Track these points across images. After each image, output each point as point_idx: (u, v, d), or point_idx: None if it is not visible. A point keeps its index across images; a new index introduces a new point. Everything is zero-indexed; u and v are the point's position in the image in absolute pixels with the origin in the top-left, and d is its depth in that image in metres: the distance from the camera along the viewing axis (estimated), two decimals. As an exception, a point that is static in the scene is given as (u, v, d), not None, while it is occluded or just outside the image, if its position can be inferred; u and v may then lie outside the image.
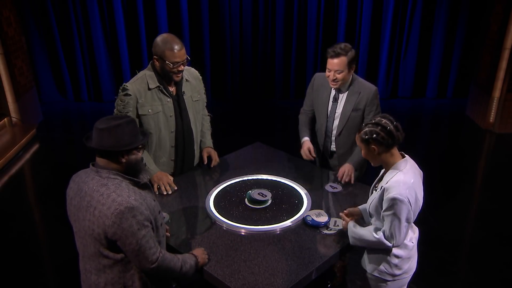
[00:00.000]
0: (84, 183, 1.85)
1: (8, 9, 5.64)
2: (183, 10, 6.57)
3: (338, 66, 2.79)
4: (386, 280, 2.24)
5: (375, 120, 2.11)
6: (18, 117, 5.79)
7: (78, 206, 1.85)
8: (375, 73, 7.05)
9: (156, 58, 2.66)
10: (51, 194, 4.58)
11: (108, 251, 1.84)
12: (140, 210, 1.79)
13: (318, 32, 6.80)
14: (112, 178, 1.82)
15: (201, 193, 2.76)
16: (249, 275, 2.06)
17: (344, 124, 3.00)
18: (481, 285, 3.36)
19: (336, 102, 3.00)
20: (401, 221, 2.04)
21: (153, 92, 2.71)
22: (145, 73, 2.74)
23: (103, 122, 1.82)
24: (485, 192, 4.71)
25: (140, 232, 1.79)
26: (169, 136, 2.82)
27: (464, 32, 6.78)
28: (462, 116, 6.58)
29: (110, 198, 1.76)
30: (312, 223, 2.40)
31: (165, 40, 2.61)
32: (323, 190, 2.79)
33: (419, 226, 2.35)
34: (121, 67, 6.81)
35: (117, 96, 2.72)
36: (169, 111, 2.77)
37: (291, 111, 3.56)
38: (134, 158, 1.87)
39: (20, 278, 3.42)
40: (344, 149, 3.09)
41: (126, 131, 1.81)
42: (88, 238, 1.84)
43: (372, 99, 2.93)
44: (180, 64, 2.64)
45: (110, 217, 1.75)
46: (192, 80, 2.91)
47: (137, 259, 1.83)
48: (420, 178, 2.18)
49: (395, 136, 2.06)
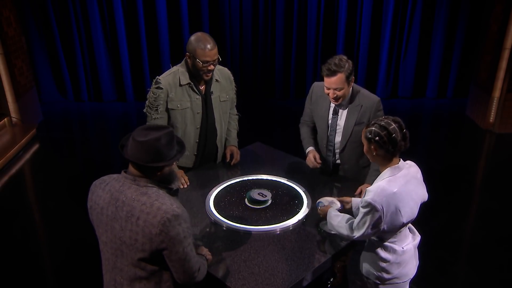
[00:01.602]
0: (119, 192, 1.79)
1: (8, 9, 5.63)
2: (183, 10, 6.57)
3: (336, 84, 2.65)
4: (377, 284, 2.23)
5: (385, 121, 2.05)
6: (18, 117, 5.79)
7: (113, 216, 1.79)
8: (375, 73, 7.05)
9: (188, 55, 2.74)
10: (51, 194, 4.58)
11: (146, 262, 1.79)
12: (184, 217, 1.76)
13: (318, 32, 6.80)
14: (151, 187, 1.78)
15: (201, 193, 2.76)
16: (249, 275, 2.06)
17: (347, 139, 2.88)
18: (481, 285, 3.36)
19: (336, 115, 2.88)
20: (367, 222, 2.03)
21: (184, 88, 2.79)
22: (178, 68, 2.82)
23: (142, 133, 1.75)
24: (485, 192, 4.71)
25: (187, 240, 1.76)
26: (194, 132, 2.90)
27: (464, 32, 6.78)
28: (462, 116, 6.58)
29: (154, 206, 1.72)
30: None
31: (198, 39, 2.68)
32: (324, 195, 2.78)
33: (419, 226, 2.35)
34: (121, 67, 6.80)
35: (149, 88, 2.80)
36: (196, 108, 2.84)
37: (291, 111, 3.56)
38: (168, 170, 1.84)
39: (20, 278, 3.42)
40: (349, 164, 2.97)
41: (164, 145, 1.75)
42: (126, 249, 1.78)
43: (375, 111, 2.79)
44: (211, 63, 2.69)
45: (157, 225, 1.70)
46: (223, 80, 2.97)
47: (183, 269, 1.78)
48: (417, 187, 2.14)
49: (398, 145, 2.03)
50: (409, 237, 2.24)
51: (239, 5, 6.63)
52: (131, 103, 6.94)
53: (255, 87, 7.18)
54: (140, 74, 6.85)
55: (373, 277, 2.23)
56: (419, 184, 2.16)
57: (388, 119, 2.07)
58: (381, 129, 2.03)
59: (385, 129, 2.02)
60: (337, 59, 2.65)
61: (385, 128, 2.02)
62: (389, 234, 2.13)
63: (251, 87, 7.16)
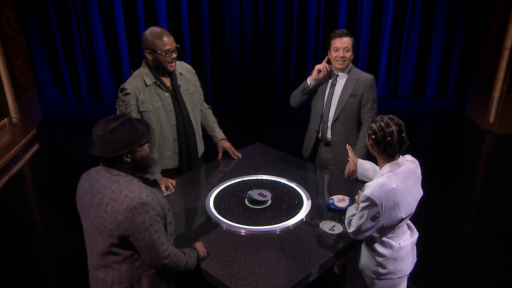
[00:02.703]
0: (95, 181, 1.87)
1: (8, 9, 5.64)
2: (183, 10, 6.57)
3: (348, 44, 2.98)
4: (373, 278, 2.26)
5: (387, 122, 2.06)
6: (18, 117, 5.79)
7: (89, 203, 1.87)
8: (375, 73, 7.03)
9: (148, 51, 2.71)
10: (51, 194, 4.58)
11: (118, 248, 1.85)
12: (152, 205, 1.82)
13: (318, 32, 6.80)
14: (123, 176, 1.85)
15: (201, 193, 2.76)
16: (249, 275, 2.06)
17: (341, 110, 3.06)
18: (481, 285, 3.36)
19: (333, 88, 3.09)
20: (365, 218, 2.06)
21: (151, 88, 2.76)
22: (140, 71, 2.79)
23: (100, 127, 1.82)
24: (485, 192, 4.71)
25: (153, 228, 1.81)
26: (171, 130, 2.87)
27: (464, 32, 6.78)
28: (462, 116, 6.58)
29: (122, 194, 1.79)
30: (334, 208, 2.50)
31: (153, 32, 2.69)
32: (324, 195, 2.79)
33: (419, 226, 2.36)
34: (121, 67, 6.81)
35: (117, 99, 2.76)
36: (168, 105, 2.82)
37: (291, 111, 3.55)
38: (139, 155, 1.89)
39: (20, 277, 3.43)
40: (339, 138, 3.12)
41: (124, 132, 1.82)
42: (98, 235, 1.86)
43: (369, 86, 3.03)
44: (172, 51, 2.70)
45: (122, 212, 1.77)
46: (186, 73, 2.97)
47: (149, 254, 1.84)
48: (415, 183, 2.16)
49: (391, 149, 2.06)
50: (407, 233, 2.26)
51: (239, 5, 6.63)
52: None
53: (255, 87, 7.18)
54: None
55: (369, 271, 2.26)
56: (417, 180, 2.19)
57: (392, 120, 2.06)
58: (380, 128, 2.05)
59: (383, 130, 2.04)
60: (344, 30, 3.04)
61: (383, 129, 2.04)
62: (387, 229, 2.16)
63: (251, 87, 7.17)
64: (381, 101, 6.87)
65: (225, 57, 6.93)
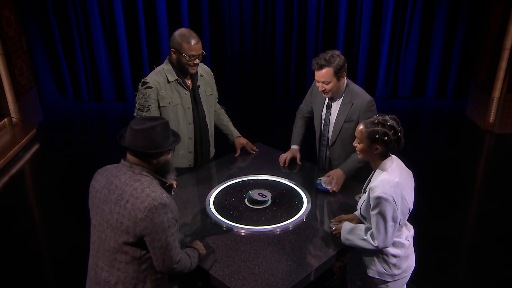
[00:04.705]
0: (114, 177, 1.87)
1: (8, 9, 5.64)
2: (183, 10, 6.57)
3: (324, 78, 2.71)
4: (387, 281, 2.25)
5: (386, 121, 2.10)
6: (18, 117, 5.79)
7: (104, 199, 1.87)
8: (375, 73, 7.05)
9: (173, 50, 2.76)
10: (51, 194, 4.58)
11: (130, 246, 1.84)
12: (171, 208, 1.83)
13: (318, 32, 6.80)
14: (145, 175, 1.86)
15: (201, 193, 2.76)
16: (249, 275, 2.06)
17: (337, 134, 2.92)
18: (481, 285, 3.36)
19: (329, 110, 2.94)
20: (387, 220, 2.05)
21: (172, 85, 2.82)
22: (163, 67, 2.85)
23: (138, 122, 1.86)
24: (485, 192, 4.71)
25: (170, 230, 1.82)
26: (187, 128, 2.91)
27: (464, 32, 6.78)
28: (462, 116, 6.58)
29: (144, 192, 1.79)
30: (321, 189, 2.55)
31: (183, 34, 2.73)
32: (324, 195, 2.78)
33: (420, 226, 2.36)
34: (121, 67, 6.81)
35: (137, 92, 2.82)
36: (186, 104, 2.87)
37: (291, 111, 3.55)
38: (164, 159, 1.92)
39: (20, 277, 3.43)
40: (339, 161, 2.96)
41: (160, 133, 1.85)
42: (111, 232, 1.85)
43: (365, 111, 2.78)
44: (196, 57, 2.74)
45: (143, 210, 1.77)
46: (205, 75, 3.03)
47: (162, 257, 1.83)
48: (410, 177, 2.22)
49: (401, 144, 2.12)
50: (404, 228, 2.28)
51: (239, 5, 6.63)
52: (131, 103, 6.92)
53: (255, 87, 7.18)
54: (140, 74, 6.81)
55: (385, 276, 2.24)
56: (407, 171, 2.24)
57: (389, 119, 2.12)
58: (388, 128, 2.09)
59: (393, 128, 2.09)
60: (329, 54, 2.71)
61: (393, 128, 2.09)
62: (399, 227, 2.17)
63: (251, 87, 7.17)
64: (381, 101, 6.87)
65: (225, 57, 6.93)
